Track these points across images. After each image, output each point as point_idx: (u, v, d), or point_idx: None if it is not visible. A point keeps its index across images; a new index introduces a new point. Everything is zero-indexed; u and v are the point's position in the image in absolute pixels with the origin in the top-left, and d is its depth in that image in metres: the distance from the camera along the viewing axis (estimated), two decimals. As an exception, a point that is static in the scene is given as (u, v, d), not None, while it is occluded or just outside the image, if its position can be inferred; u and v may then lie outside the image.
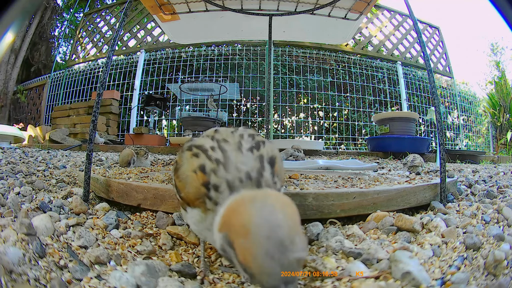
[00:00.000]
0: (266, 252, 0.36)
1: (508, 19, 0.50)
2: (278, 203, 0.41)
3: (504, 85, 7.53)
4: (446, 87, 6.99)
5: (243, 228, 0.38)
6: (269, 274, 0.36)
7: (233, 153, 0.51)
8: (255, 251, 0.36)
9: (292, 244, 0.37)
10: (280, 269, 0.35)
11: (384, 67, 6.45)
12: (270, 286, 0.36)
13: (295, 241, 0.37)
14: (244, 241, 0.37)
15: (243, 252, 0.37)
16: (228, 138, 0.54)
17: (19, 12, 0.46)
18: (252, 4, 1.93)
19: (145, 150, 1.94)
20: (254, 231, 0.37)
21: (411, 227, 0.73)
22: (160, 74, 6.16)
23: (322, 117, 6.26)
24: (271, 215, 0.39)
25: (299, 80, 6.26)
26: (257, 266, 0.36)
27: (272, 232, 0.37)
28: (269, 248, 0.36)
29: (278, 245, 0.36)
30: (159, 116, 6.25)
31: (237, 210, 0.42)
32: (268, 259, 0.35)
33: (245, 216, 0.39)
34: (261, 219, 0.38)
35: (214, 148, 0.51)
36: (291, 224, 0.39)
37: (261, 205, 0.40)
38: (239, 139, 0.53)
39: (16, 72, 8.65)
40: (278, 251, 0.36)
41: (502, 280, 0.53)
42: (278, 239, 0.36)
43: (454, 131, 7.02)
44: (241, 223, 0.39)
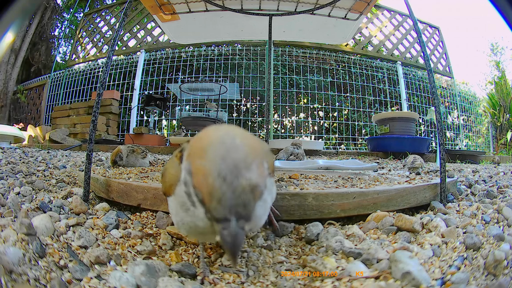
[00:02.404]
0: (219, 172, 0.33)
1: (508, 19, 0.50)
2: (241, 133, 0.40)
3: (504, 85, 7.53)
4: (446, 87, 6.99)
5: (200, 149, 0.37)
6: (219, 198, 0.33)
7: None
8: (208, 170, 0.34)
9: (248, 170, 0.34)
10: (232, 194, 0.33)
11: (384, 67, 6.44)
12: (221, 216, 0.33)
13: (252, 167, 0.35)
14: (199, 160, 0.35)
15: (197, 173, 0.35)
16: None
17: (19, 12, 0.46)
18: (252, 4, 1.93)
19: (141, 149, 1.92)
20: (210, 150, 0.36)
21: (411, 227, 0.73)
22: (160, 74, 6.15)
23: (322, 117, 6.26)
24: (231, 139, 0.37)
25: (299, 80, 6.26)
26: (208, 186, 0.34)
27: (227, 153, 0.35)
28: (223, 169, 0.33)
29: (232, 166, 0.34)
30: (159, 116, 6.24)
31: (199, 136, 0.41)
32: (220, 180, 0.33)
33: (205, 139, 0.38)
34: (220, 141, 0.37)
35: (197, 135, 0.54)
36: (250, 151, 0.37)
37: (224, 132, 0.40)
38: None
39: (16, 72, 8.65)
40: (231, 173, 0.33)
41: (502, 280, 0.53)
42: (233, 161, 0.34)
43: (454, 131, 7.01)
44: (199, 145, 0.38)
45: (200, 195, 0.35)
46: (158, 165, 2.16)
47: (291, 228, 0.77)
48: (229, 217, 0.33)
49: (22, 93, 7.99)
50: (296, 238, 0.74)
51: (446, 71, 6.88)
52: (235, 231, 0.33)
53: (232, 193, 0.33)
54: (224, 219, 0.33)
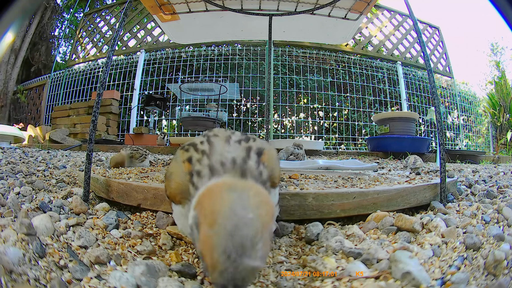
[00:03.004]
0: (225, 249, 0.34)
1: (508, 19, 0.50)
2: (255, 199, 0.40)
3: (504, 85, 7.53)
4: (446, 87, 6.99)
5: (211, 215, 0.37)
6: (221, 272, 0.34)
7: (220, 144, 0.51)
8: (215, 243, 0.35)
9: (253, 250, 0.35)
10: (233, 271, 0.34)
11: (384, 67, 6.44)
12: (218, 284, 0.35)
13: (257, 247, 0.36)
14: (207, 229, 0.36)
15: (204, 240, 0.36)
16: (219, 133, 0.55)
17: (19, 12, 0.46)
18: (252, 4, 1.93)
19: (140, 153, 1.90)
20: (220, 222, 0.36)
21: (411, 227, 0.73)
22: (160, 74, 6.16)
23: (322, 117, 6.26)
24: (243, 211, 0.37)
25: (299, 80, 6.26)
26: (212, 259, 0.35)
27: (237, 231, 0.35)
28: (229, 247, 0.34)
29: (238, 246, 0.34)
30: (159, 116, 6.25)
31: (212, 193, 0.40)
32: (224, 257, 0.34)
33: (217, 203, 0.38)
34: (233, 213, 0.37)
35: (203, 142, 0.53)
36: (259, 227, 0.37)
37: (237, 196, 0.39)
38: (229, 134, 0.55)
39: (16, 72, 8.65)
40: (236, 252, 0.34)
41: (502, 280, 0.53)
42: (241, 240, 0.35)
43: (454, 131, 7.01)
44: (211, 209, 0.38)
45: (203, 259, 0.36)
46: (158, 165, 2.16)
47: (291, 228, 0.77)
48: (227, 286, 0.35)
49: (22, 93, 7.99)
50: (296, 238, 0.74)
51: (446, 71, 6.88)
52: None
53: (233, 270, 0.34)
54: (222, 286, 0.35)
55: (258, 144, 0.54)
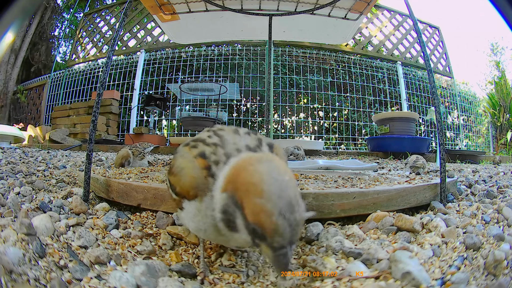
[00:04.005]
0: (280, 211, 0.37)
1: (508, 19, 0.50)
2: (282, 165, 0.43)
3: (504, 85, 7.53)
4: (446, 87, 6.99)
5: (254, 186, 0.38)
6: (281, 233, 0.37)
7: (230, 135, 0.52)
8: (270, 209, 0.37)
9: (298, 205, 0.39)
10: (290, 228, 0.37)
11: (384, 67, 6.44)
12: (280, 246, 0.37)
13: (300, 202, 0.39)
14: (257, 199, 0.38)
15: (256, 211, 0.38)
16: (224, 127, 0.56)
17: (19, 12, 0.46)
18: (252, 4, 1.93)
19: (139, 151, 1.91)
20: (268, 189, 0.38)
21: (411, 227, 0.73)
22: (160, 74, 6.15)
23: (322, 117, 6.26)
24: (280, 175, 0.40)
25: (299, 80, 6.26)
26: (270, 224, 0.37)
27: (283, 192, 0.38)
28: (282, 207, 0.37)
29: (288, 204, 0.38)
30: (159, 116, 6.24)
31: (245, 168, 0.42)
32: (281, 218, 0.37)
33: (256, 175, 0.40)
34: (273, 178, 0.39)
35: (211, 136, 0.53)
36: (295, 186, 0.41)
37: (269, 165, 0.41)
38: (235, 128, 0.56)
39: (16, 72, 8.65)
40: (288, 210, 0.37)
41: (502, 280, 0.53)
42: (289, 199, 0.38)
43: (454, 131, 7.01)
44: (252, 181, 0.39)
45: (260, 230, 0.38)
46: (158, 165, 2.16)
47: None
48: (286, 246, 0.38)
49: (22, 93, 7.98)
50: (296, 238, 0.74)
51: (446, 71, 6.88)
52: (289, 254, 0.38)
53: (290, 227, 0.37)
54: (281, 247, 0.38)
55: (267, 139, 0.56)
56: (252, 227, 0.38)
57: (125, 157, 1.79)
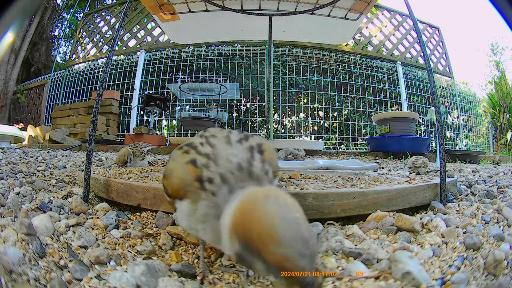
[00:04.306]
0: (297, 251, 0.38)
1: (508, 19, 0.50)
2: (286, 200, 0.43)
3: (504, 85, 7.53)
4: (446, 87, 6.98)
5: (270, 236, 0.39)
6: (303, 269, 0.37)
7: (221, 146, 0.52)
8: (288, 254, 0.38)
9: (311, 237, 0.39)
10: (309, 262, 0.38)
11: (384, 67, 6.44)
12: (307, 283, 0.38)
13: (311, 234, 0.40)
14: (276, 249, 0.38)
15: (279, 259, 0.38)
16: (216, 133, 0.56)
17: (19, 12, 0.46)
18: (252, 4, 1.93)
19: (140, 151, 1.92)
20: (283, 235, 0.38)
21: (411, 227, 0.73)
22: (160, 74, 6.15)
23: (322, 117, 6.26)
24: (290, 213, 0.41)
25: (299, 80, 6.26)
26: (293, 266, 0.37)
27: (297, 232, 0.39)
28: (300, 248, 0.38)
29: (304, 242, 0.38)
30: (159, 116, 6.24)
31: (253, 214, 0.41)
32: (301, 258, 0.37)
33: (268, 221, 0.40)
34: (284, 221, 0.39)
35: (203, 143, 0.53)
36: (304, 218, 0.41)
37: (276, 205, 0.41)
38: (227, 133, 0.55)
39: (16, 72, 8.65)
40: (305, 248, 0.38)
41: (502, 280, 0.53)
42: (303, 237, 0.39)
43: (454, 131, 7.01)
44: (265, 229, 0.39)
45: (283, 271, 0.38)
46: (158, 165, 2.16)
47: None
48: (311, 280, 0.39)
49: (22, 93, 7.98)
50: (296, 238, 0.74)
51: (446, 71, 6.88)
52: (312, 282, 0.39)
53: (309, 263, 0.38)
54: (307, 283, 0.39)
55: (257, 140, 0.55)
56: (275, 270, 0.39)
57: (127, 154, 1.81)
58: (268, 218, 0.40)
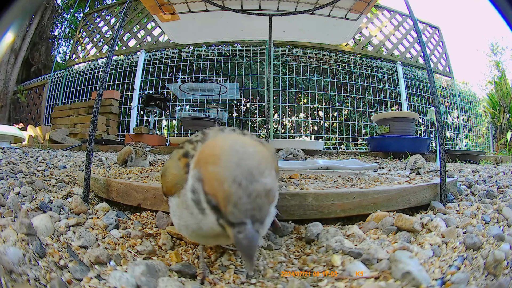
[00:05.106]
0: (234, 178, 0.34)
1: (508, 19, 0.50)
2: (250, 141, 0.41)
3: (504, 85, 7.53)
4: (446, 87, 6.98)
5: (212, 156, 0.37)
6: (235, 202, 0.33)
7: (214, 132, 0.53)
8: (223, 176, 0.34)
9: (261, 175, 0.35)
10: (248, 199, 0.33)
11: (384, 67, 6.44)
12: (237, 220, 0.34)
13: (265, 173, 0.36)
14: (212, 167, 0.36)
15: (210, 179, 0.35)
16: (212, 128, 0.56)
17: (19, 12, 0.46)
18: (252, 4, 1.93)
19: (143, 151, 1.92)
20: (223, 157, 0.36)
21: (411, 227, 0.73)
22: (160, 74, 6.15)
23: (322, 117, 6.26)
24: (242, 147, 0.38)
25: (299, 80, 6.26)
26: (223, 193, 0.34)
27: (241, 160, 0.36)
28: (237, 175, 0.34)
29: (246, 172, 0.34)
30: (159, 116, 6.24)
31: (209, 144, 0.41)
32: (235, 185, 0.33)
33: (216, 147, 0.39)
34: (232, 149, 0.38)
35: (197, 135, 0.54)
36: (261, 158, 0.38)
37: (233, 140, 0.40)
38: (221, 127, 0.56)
39: (16, 72, 8.65)
40: (246, 179, 0.34)
41: (502, 280, 0.53)
42: (247, 167, 0.35)
43: (454, 131, 7.01)
44: (211, 153, 0.38)
45: (214, 201, 0.35)
46: (158, 165, 2.16)
47: (291, 228, 0.77)
48: (245, 221, 0.34)
49: (22, 93, 7.98)
50: (296, 238, 0.74)
51: (446, 71, 6.88)
52: (251, 234, 0.34)
53: (248, 197, 0.33)
54: (240, 223, 0.34)
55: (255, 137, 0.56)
56: (208, 199, 0.36)
57: (128, 153, 1.81)
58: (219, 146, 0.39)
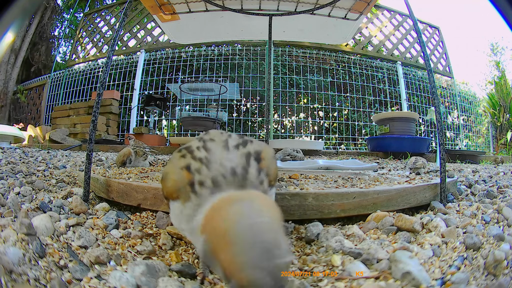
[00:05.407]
0: (252, 261, 0.33)
1: (508, 19, 0.50)
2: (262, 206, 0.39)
3: (504, 85, 7.53)
4: (446, 87, 6.99)
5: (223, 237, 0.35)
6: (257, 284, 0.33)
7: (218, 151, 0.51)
8: (240, 260, 0.33)
9: (278, 249, 0.34)
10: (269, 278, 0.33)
11: (384, 67, 6.44)
12: None
13: (281, 246, 0.35)
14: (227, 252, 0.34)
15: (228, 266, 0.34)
16: (215, 137, 0.54)
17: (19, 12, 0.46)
18: (252, 4, 1.93)
19: (143, 151, 1.92)
20: (237, 239, 0.34)
21: (411, 227, 0.73)
22: (160, 74, 6.15)
23: (322, 117, 6.26)
24: (255, 218, 0.36)
25: (299, 80, 6.26)
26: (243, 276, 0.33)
27: (256, 239, 0.34)
28: (256, 257, 0.33)
29: (264, 252, 0.34)
30: (159, 116, 6.24)
31: (219, 213, 0.39)
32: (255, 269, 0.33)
33: (228, 221, 0.37)
34: (244, 223, 0.36)
35: (199, 148, 0.52)
36: (276, 228, 0.36)
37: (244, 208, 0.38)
38: (226, 138, 0.54)
39: (16, 72, 8.65)
40: (264, 258, 0.33)
41: (502, 280, 0.53)
42: (264, 246, 0.34)
43: (454, 131, 7.01)
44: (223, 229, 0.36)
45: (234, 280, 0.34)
46: (158, 165, 2.16)
47: (291, 228, 0.77)
48: None
49: (22, 93, 7.98)
50: (296, 238, 0.74)
51: (446, 71, 6.88)
52: None
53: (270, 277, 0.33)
54: None
55: (256, 147, 0.53)
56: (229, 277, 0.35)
57: (127, 154, 1.81)
58: (228, 219, 0.37)
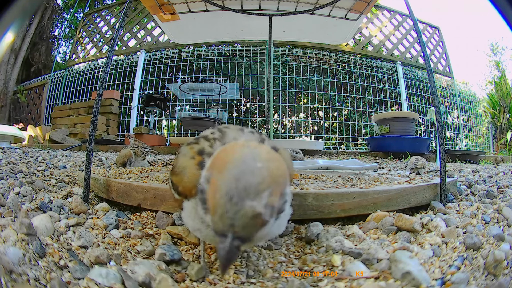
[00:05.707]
0: (228, 191, 0.34)
1: (508, 19, 0.50)
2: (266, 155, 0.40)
3: (504, 85, 7.53)
4: (446, 87, 6.98)
5: (222, 163, 0.37)
6: (221, 215, 0.34)
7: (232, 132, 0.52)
8: (220, 185, 0.35)
9: (257, 196, 0.34)
10: (233, 215, 0.33)
11: (384, 67, 6.44)
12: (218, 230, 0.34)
13: (262, 195, 0.35)
14: (217, 174, 0.36)
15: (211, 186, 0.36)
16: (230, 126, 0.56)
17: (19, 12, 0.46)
18: (252, 4, 1.93)
19: (142, 151, 1.92)
20: (230, 167, 0.36)
21: (411, 227, 0.73)
22: (160, 74, 6.15)
23: (322, 117, 6.26)
24: (252, 161, 0.37)
25: (299, 80, 6.26)
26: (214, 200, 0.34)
27: (242, 175, 0.35)
28: (232, 189, 0.34)
29: (242, 189, 0.34)
30: (159, 116, 6.24)
31: (226, 149, 0.41)
32: (226, 198, 0.34)
33: (229, 155, 0.38)
34: (241, 160, 0.37)
35: (214, 132, 0.53)
36: (266, 177, 0.36)
37: (249, 150, 0.39)
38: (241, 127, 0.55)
39: (16, 72, 8.65)
40: (238, 195, 0.34)
41: (502, 280, 0.53)
42: (245, 184, 0.34)
43: (454, 131, 7.01)
44: (223, 159, 0.38)
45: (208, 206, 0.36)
46: (158, 165, 2.16)
47: (291, 228, 0.77)
48: (226, 234, 0.34)
49: (22, 93, 7.98)
50: (296, 238, 0.74)
51: (446, 71, 6.88)
52: (228, 247, 0.34)
53: (233, 214, 0.34)
54: (221, 234, 0.35)
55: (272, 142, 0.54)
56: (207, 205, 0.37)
57: (128, 155, 1.81)
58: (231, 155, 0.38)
